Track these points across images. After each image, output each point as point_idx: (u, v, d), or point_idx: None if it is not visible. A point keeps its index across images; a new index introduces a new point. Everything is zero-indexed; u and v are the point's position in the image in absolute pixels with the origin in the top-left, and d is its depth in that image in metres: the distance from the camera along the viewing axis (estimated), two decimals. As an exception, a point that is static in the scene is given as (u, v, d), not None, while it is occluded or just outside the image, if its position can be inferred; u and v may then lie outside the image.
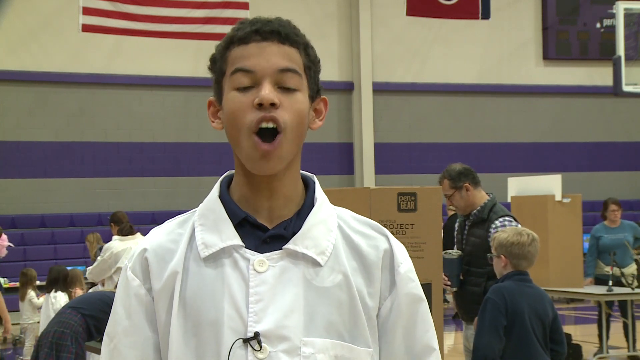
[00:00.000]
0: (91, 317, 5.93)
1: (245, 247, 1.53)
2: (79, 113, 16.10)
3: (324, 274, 1.53)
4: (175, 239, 1.58)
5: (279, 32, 1.54)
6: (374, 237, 1.60)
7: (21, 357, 10.40)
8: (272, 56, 1.53)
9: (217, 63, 1.58)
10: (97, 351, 7.10)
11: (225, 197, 1.59)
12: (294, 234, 1.54)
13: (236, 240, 1.53)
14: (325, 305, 1.52)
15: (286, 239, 1.54)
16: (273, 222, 1.56)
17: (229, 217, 1.56)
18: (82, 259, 13.05)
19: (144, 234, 18.12)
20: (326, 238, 1.56)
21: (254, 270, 1.51)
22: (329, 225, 1.58)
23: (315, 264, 1.53)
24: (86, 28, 13.57)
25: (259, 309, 1.49)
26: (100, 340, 6.51)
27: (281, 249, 1.53)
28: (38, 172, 15.78)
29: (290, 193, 1.58)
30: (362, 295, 1.55)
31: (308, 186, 1.62)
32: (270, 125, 1.50)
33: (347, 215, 1.63)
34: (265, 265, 1.51)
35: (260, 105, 1.50)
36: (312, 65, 1.58)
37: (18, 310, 10.50)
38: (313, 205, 1.58)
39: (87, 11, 13.42)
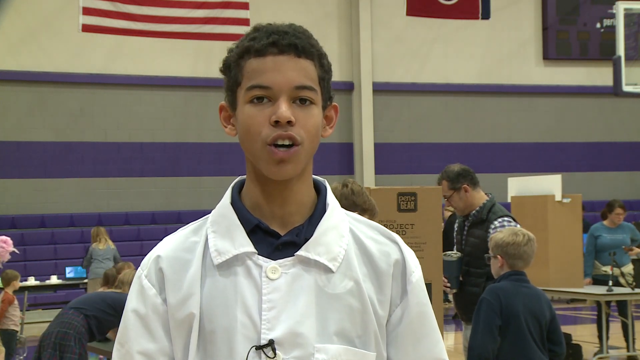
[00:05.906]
0: (93, 318, 5.95)
1: (258, 254, 1.54)
2: (79, 113, 16.10)
3: (336, 280, 1.55)
4: (191, 248, 1.58)
5: (296, 45, 1.54)
6: (385, 244, 1.61)
7: (20, 357, 10.38)
8: (288, 72, 1.53)
9: (232, 71, 1.58)
10: (99, 351, 7.11)
11: (237, 204, 1.59)
12: (306, 240, 1.55)
13: (249, 247, 1.54)
14: (337, 312, 1.53)
15: (298, 246, 1.55)
16: (285, 229, 1.57)
17: (242, 223, 1.57)
18: (82, 259, 12.99)
19: (144, 233, 17.99)
20: (338, 244, 1.57)
21: (267, 277, 1.52)
22: (340, 230, 1.59)
23: (327, 270, 1.54)
24: (86, 28, 13.58)
25: (272, 316, 1.51)
26: (102, 341, 6.53)
27: (293, 255, 1.54)
28: (38, 172, 15.78)
29: (302, 199, 1.59)
30: (372, 302, 1.56)
31: (319, 191, 1.63)
32: (287, 142, 1.51)
33: (359, 220, 1.64)
34: (278, 272, 1.53)
35: (276, 122, 1.51)
36: (325, 75, 1.59)
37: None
38: (325, 211, 1.59)
39: (87, 11, 13.42)
